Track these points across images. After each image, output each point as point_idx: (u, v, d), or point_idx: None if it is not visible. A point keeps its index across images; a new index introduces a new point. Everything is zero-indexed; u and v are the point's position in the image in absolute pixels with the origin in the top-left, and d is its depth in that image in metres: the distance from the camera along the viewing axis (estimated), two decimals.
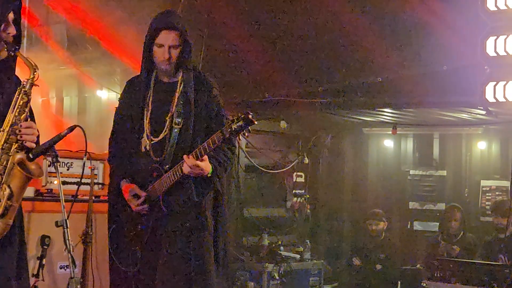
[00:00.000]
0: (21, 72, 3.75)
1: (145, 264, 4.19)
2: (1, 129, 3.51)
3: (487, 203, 9.07)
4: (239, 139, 4.10)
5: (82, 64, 8.95)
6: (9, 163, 3.48)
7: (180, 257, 4.10)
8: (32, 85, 3.59)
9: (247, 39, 7.30)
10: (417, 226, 9.62)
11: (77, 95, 9.77)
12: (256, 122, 3.95)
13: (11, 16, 3.59)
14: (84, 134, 4.19)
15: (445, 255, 7.90)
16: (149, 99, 4.22)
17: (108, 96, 9.24)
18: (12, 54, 3.58)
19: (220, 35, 7.49)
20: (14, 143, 3.51)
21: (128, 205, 4.24)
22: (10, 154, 3.50)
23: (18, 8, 3.65)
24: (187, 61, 4.19)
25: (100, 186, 6.26)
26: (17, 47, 3.60)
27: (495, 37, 5.92)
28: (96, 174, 6.15)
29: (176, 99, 4.18)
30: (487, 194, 9.17)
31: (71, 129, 3.93)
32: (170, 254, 4.11)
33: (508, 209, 7.06)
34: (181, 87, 4.20)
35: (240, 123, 3.89)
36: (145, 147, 4.19)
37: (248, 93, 7.40)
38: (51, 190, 5.90)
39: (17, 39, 3.64)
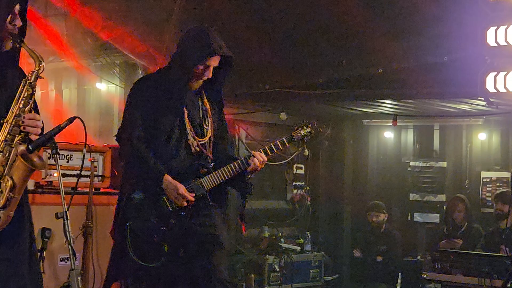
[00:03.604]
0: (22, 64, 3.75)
1: (171, 258, 4.27)
2: (5, 120, 3.49)
3: (487, 194, 9.07)
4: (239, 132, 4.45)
5: (81, 56, 8.93)
6: (11, 155, 3.47)
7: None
8: (37, 77, 3.58)
9: (246, 30, 7.27)
10: (418, 217, 9.61)
11: (76, 88, 9.75)
12: (321, 130, 4.53)
13: (17, 7, 3.57)
14: (84, 126, 4.16)
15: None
16: (183, 102, 4.38)
17: (107, 89, 9.23)
18: (18, 45, 3.57)
19: (219, 26, 7.44)
20: (17, 135, 3.49)
21: (162, 200, 4.29)
22: (13, 145, 3.48)
23: (24, 0, 3.64)
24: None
25: (100, 178, 6.24)
26: (22, 38, 3.58)
27: (496, 27, 5.90)
28: (96, 166, 6.14)
29: (207, 105, 4.48)
30: (487, 185, 9.16)
31: (71, 120, 3.90)
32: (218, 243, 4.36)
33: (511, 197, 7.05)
34: (205, 94, 4.50)
35: (308, 129, 4.43)
36: (195, 147, 4.39)
37: (248, 85, 7.38)
38: (51, 182, 5.88)
39: (22, 30, 3.62)
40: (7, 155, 3.47)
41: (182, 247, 4.30)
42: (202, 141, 4.40)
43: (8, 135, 3.49)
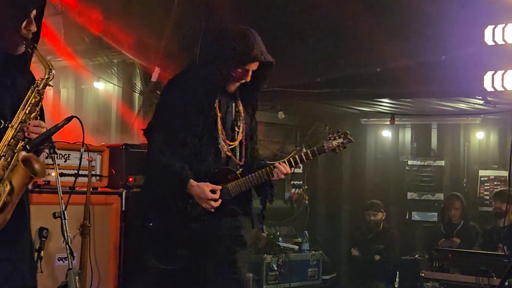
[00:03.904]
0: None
1: (192, 261, 4.21)
2: (10, 125, 3.48)
3: (485, 193, 9.07)
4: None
5: (79, 55, 8.93)
6: (13, 160, 3.46)
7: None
8: (46, 85, 3.56)
9: None
10: (415, 216, 9.62)
11: (74, 87, 9.75)
12: (353, 140, 4.42)
13: (33, 13, 3.55)
14: (82, 125, 4.14)
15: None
16: (217, 106, 4.26)
17: (105, 88, 9.23)
18: (30, 51, 3.55)
19: (217, 25, 7.46)
20: (21, 141, 3.48)
21: (182, 203, 4.21)
22: (15, 151, 3.47)
23: (41, 5, 3.61)
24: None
25: (97, 177, 6.23)
26: (35, 44, 3.57)
27: (493, 26, 5.91)
28: (94, 166, 6.13)
29: (241, 107, 4.37)
30: (485, 184, 9.16)
31: (68, 120, 3.88)
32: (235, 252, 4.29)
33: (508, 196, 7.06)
34: (239, 97, 4.39)
35: (341, 140, 4.36)
36: (225, 152, 4.28)
37: None
38: (49, 182, 5.86)
39: (36, 36, 3.60)
40: (8, 159, 3.47)
41: (204, 250, 4.22)
42: (232, 145, 4.29)
43: (12, 140, 3.47)
